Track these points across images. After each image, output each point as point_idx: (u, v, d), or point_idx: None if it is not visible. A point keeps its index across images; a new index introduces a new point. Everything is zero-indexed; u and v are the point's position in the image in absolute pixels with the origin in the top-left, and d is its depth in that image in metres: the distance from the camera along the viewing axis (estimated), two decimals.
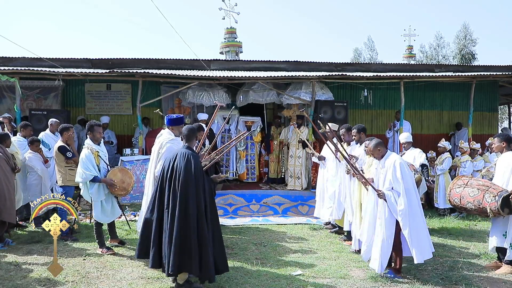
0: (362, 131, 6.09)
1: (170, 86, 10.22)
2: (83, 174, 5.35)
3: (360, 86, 10.71)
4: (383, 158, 4.80)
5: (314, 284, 4.56)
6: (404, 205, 4.51)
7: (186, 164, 4.11)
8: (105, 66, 10.44)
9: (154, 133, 9.73)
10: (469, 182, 5.20)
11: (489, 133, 11.94)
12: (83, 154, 5.43)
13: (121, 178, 5.59)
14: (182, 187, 4.06)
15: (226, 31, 15.01)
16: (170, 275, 4.16)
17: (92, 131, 5.56)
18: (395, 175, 4.58)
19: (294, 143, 9.30)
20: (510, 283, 4.65)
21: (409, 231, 4.51)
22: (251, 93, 9.70)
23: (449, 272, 4.88)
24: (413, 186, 4.68)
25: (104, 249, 5.56)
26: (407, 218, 4.51)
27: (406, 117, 10.57)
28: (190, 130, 4.42)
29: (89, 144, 5.52)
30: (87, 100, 11.03)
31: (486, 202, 4.84)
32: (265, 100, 9.82)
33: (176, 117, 5.26)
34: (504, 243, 4.94)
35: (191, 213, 4.03)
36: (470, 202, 5.05)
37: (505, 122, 24.03)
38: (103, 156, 5.67)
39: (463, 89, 11.24)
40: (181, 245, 4.00)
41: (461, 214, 8.22)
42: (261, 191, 9.06)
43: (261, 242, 6.18)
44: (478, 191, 4.97)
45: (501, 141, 5.13)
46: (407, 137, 7.51)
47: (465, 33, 35.72)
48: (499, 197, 4.72)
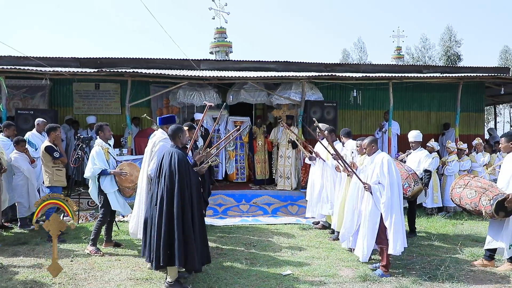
0: (347, 135, 6.50)
1: (160, 86, 10.16)
2: (92, 169, 5.53)
3: (350, 86, 10.77)
4: (374, 154, 5.05)
5: (303, 283, 4.57)
6: (386, 198, 4.76)
7: (170, 161, 4.32)
8: (94, 66, 10.33)
9: (143, 133, 9.68)
10: (469, 183, 5.28)
11: (476, 133, 12.12)
12: (94, 151, 5.66)
13: (129, 171, 5.75)
14: (167, 182, 4.26)
15: (216, 31, 14.99)
16: (158, 267, 4.31)
17: (102, 130, 5.79)
18: (382, 169, 4.83)
19: (284, 143, 9.31)
20: (495, 281, 4.72)
21: (389, 222, 4.77)
22: (243, 92, 9.70)
23: (436, 271, 4.93)
24: (398, 182, 4.90)
25: (95, 249, 5.50)
26: (389, 210, 4.77)
27: (395, 117, 10.67)
28: (172, 130, 4.59)
29: (100, 142, 5.74)
30: (75, 99, 10.90)
31: (482, 205, 4.93)
32: (256, 100, 9.82)
33: (167, 116, 5.46)
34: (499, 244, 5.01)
35: (176, 206, 4.18)
36: (468, 203, 5.17)
37: (491, 122, 24.43)
38: (112, 153, 5.90)
39: (450, 90, 11.38)
40: (168, 239, 4.17)
41: (448, 213, 8.33)
42: (250, 191, 9.06)
43: (251, 242, 6.18)
44: (476, 193, 5.07)
45: (509, 141, 5.11)
46: (416, 135, 6.97)
47: (449, 34, 36.25)
48: (493, 201, 4.80)
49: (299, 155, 9.25)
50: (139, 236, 5.28)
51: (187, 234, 4.20)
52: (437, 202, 8.32)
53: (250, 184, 9.95)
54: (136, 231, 5.43)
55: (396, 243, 4.72)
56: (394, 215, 4.75)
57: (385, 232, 4.82)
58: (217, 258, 5.38)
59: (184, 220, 4.22)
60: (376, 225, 4.84)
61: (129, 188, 5.75)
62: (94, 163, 5.53)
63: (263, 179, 9.87)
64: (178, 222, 4.18)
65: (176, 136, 4.55)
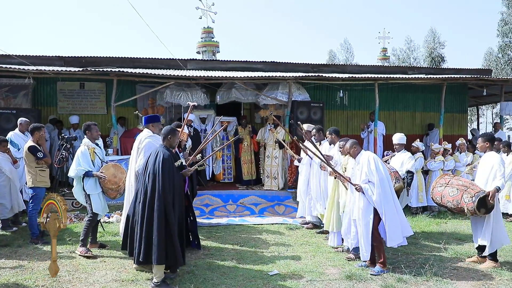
0: (335, 134, 6.38)
1: (146, 86, 10.07)
2: (76, 170, 5.45)
3: (336, 87, 10.85)
4: (358, 156, 5.11)
5: (290, 283, 4.59)
6: (377, 195, 4.84)
7: (155, 160, 4.40)
8: (78, 65, 10.19)
9: (129, 133, 9.59)
10: (450, 182, 5.41)
11: (459, 134, 12.34)
12: (79, 151, 5.57)
13: (113, 173, 5.65)
14: (150, 180, 4.35)
15: (203, 31, 14.91)
16: (139, 263, 4.46)
17: (89, 130, 5.71)
18: (370, 167, 4.92)
19: (270, 144, 9.32)
20: (477, 278, 4.81)
21: (384, 217, 4.84)
22: (234, 91, 9.67)
23: (420, 269, 5.00)
24: (386, 177, 4.98)
25: (85, 250, 5.41)
26: (382, 206, 4.85)
27: (381, 117, 10.79)
28: (165, 130, 4.67)
29: (86, 142, 5.65)
30: (59, 99, 10.72)
31: (464, 202, 5.05)
32: (246, 98, 9.81)
33: (152, 115, 5.55)
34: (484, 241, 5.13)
35: (157, 205, 4.26)
36: (450, 201, 5.27)
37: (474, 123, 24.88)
38: (99, 153, 5.78)
39: (435, 91, 11.56)
40: (148, 236, 4.29)
41: (433, 212, 8.46)
42: (237, 192, 9.05)
43: (238, 243, 6.17)
44: (458, 191, 5.19)
45: (485, 141, 5.36)
46: (400, 138, 7.27)
47: (433, 36, 36.86)
48: (475, 198, 4.94)
49: (286, 155, 9.28)
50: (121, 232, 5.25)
51: (168, 233, 4.28)
52: (422, 201, 8.44)
53: (237, 184, 9.93)
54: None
55: (392, 236, 4.83)
56: (387, 210, 4.84)
57: (378, 230, 4.89)
58: (204, 259, 5.36)
59: (167, 219, 4.29)
60: (370, 223, 4.90)
61: (112, 190, 5.67)
62: (78, 164, 5.45)
63: (250, 180, 9.86)
64: (159, 222, 4.25)
65: (166, 137, 4.60)
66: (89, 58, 10.70)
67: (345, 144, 5.27)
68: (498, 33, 30.89)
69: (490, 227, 5.09)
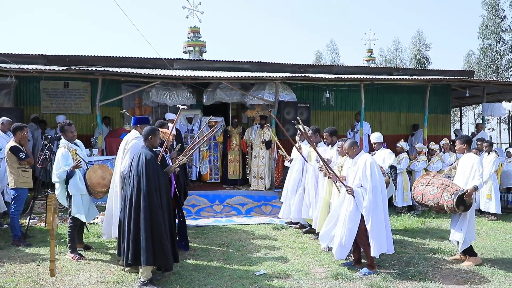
0: (334, 134, 6.28)
1: (132, 85, 9.97)
2: (58, 174, 5.25)
3: (322, 87, 10.92)
4: (356, 156, 5.03)
5: (277, 283, 4.60)
6: (368, 202, 4.78)
7: (138, 161, 4.41)
8: (62, 63, 10.03)
9: (114, 133, 9.48)
10: (431, 181, 5.53)
11: (443, 134, 12.54)
12: (59, 153, 5.34)
13: (101, 175, 5.48)
14: (135, 182, 4.35)
15: (190, 30, 14.84)
16: (127, 265, 4.47)
17: (63, 131, 5.49)
18: (365, 173, 4.84)
19: (257, 144, 9.32)
20: (460, 276, 4.90)
21: (370, 225, 4.79)
22: (218, 91, 9.65)
23: (405, 268, 5.07)
24: (381, 186, 4.90)
25: (76, 255, 5.28)
26: (370, 214, 4.79)
27: (366, 118, 10.88)
28: (145, 131, 4.66)
29: (65, 143, 5.43)
30: (42, 98, 10.53)
31: (444, 200, 5.17)
32: (231, 99, 9.79)
33: (141, 117, 5.45)
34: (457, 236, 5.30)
35: (143, 207, 4.26)
36: (430, 199, 5.37)
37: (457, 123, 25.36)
38: (81, 154, 5.59)
39: (419, 91, 11.73)
40: (135, 238, 4.29)
41: (417, 211, 8.58)
42: (224, 192, 9.03)
43: (224, 243, 6.16)
44: (438, 190, 5.31)
45: (462, 143, 5.53)
46: (378, 137, 7.53)
47: (420, 38, 37.47)
48: (455, 196, 5.07)
49: (273, 155, 9.29)
50: (112, 237, 5.17)
51: (156, 234, 4.29)
52: (407, 200, 8.55)
53: (223, 184, 9.91)
54: (107, 231, 5.31)
55: (376, 246, 4.76)
56: (374, 219, 4.77)
57: (365, 234, 4.87)
58: (190, 259, 5.34)
59: (153, 221, 4.28)
60: (356, 226, 4.85)
61: (101, 193, 5.57)
62: (58, 168, 5.24)
63: (237, 179, 9.84)
64: (145, 223, 4.25)
65: (147, 137, 4.59)
66: (74, 57, 10.54)
67: (344, 144, 5.20)
68: (479, 35, 31.59)
69: (466, 224, 5.26)
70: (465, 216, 5.28)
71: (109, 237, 5.34)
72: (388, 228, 4.96)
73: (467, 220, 5.26)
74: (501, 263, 5.40)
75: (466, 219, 5.27)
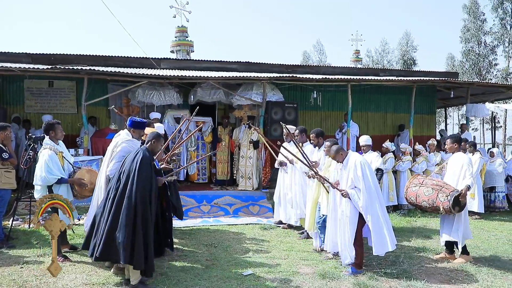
0: (320, 136, 6.20)
1: (118, 85, 9.86)
2: (46, 178, 5.05)
3: (310, 88, 10.98)
4: (345, 159, 5.01)
5: (264, 283, 4.60)
6: (364, 201, 4.78)
7: (134, 158, 4.30)
8: (47, 62, 9.86)
9: (100, 133, 9.37)
10: (424, 182, 5.56)
11: (428, 134, 12.73)
12: (46, 155, 5.12)
13: (89, 180, 5.34)
14: (124, 176, 4.25)
15: (177, 30, 14.77)
16: (96, 259, 4.32)
17: (53, 129, 5.33)
18: (356, 173, 4.85)
19: (245, 144, 9.32)
20: (445, 274, 4.98)
21: (371, 224, 4.79)
22: (199, 91, 9.62)
23: (391, 267, 5.13)
24: (374, 184, 4.90)
25: (60, 257, 5.16)
26: (368, 212, 4.79)
27: (353, 118, 10.98)
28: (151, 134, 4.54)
29: (50, 144, 5.24)
30: (26, 97, 10.35)
31: (440, 201, 5.21)
32: (211, 98, 9.76)
33: (140, 120, 5.20)
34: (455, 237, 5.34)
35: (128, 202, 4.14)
36: (425, 200, 5.40)
37: (442, 124, 25.75)
38: (67, 156, 5.46)
39: (405, 92, 11.88)
40: (111, 232, 4.17)
41: (403, 211, 8.69)
42: (212, 192, 9.00)
43: (212, 243, 6.14)
44: (433, 191, 5.33)
45: (453, 142, 5.56)
46: (367, 140, 7.58)
47: (407, 40, 37.97)
48: (451, 197, 5.11)
49: (260, 156, 9.30)
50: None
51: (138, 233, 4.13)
52: (393, 200, 8.64)
53: (211, 184, 9.87)
54: None
55: (377, 244, 4.78)
56: (372, 217, 4.78)
57: (361, 232, 4.89)
58: (177, 260, 5.30)
59: (137, 219, 4.14)
60: (355, 225, 4.87)
61: (86, 196, 5.49)
62: (49, 171, 5.06)
63: (225, 180, 9.82)
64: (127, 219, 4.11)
65: (150, 140, 4.51)
66: (59, 55, 10.38)
67: (331, 149, 5.12)
68: (461, 39, 32.16)
69: (462, 224, 5.31)
70: (460, 216, 5.32)
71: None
72: (389, 226, 4.92)
73: (462, 220, 5.31)
74: (484, 261, 5.51)
75: (461, 220, 5.31)
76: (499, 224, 8.00)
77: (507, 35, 29.38)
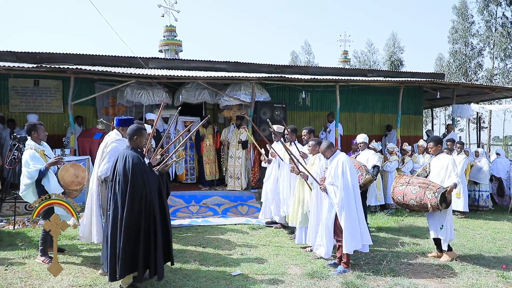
0: (312, 132, 6.42)
1: (105, 84, 9.75)
2: (29, 174, 5.01)
3: (299, 88, 11.01)
4: (332, 156, 5.15)
5: (253, 283, 4.60)
6: (339, 199, 4.90)
7: (124, 165, 4.11)
8: (32, 61, 9.70)
9: (87, 133, 9.25)
10: (411, 181, 5.67)
11: (415, 135, 12.89)
12: (27, 155, 5.10)
13: (74, 173, 5.30)
14: (121, 188, 4.07)
15: (166, 29, 14.66)
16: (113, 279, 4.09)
17: (36, 130, 5.27)
18: (337, 171, 4.97)
19: (234, 144, 9.30)
20: (431, 272, 5.05)
21: (344, 222, 4.89)
22: (183, 92, 9.56)
23: (379, 265, 5.18)
24: (353, 184, 5.01)
25: (46, 258, 5.09)
26: (342, 210, 4.90)
27: (341, 118, 11.05)
28: (130, 130, 4.34)
29: (32, 144, 5.21)
30: (11, 96, 10.17)
31: (427, 198, 5.32)
32: (196, 99, 9.71)
33: (126, 118, 5.14)
34: (439, 234, 5.46)
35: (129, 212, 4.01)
36: (412, 199, 5.51)
37: (429, 124, 26.08)
38: (49, 154, 5.40)
39: (393, 93, 12.01)
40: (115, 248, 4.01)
41: (390, 210, 8.78)
42: (200, 192, 8.97)
43: (201, 244, 6.12)
44: (420, 189, 5.45)
45: (436, 144, 5.74)
46: (364, 138, 7.66)
47: (394, 41, 38.39)
48: (438, 193, 5.23)
49: (249, 156, 9.29)
50: (93, 240, 5.00)
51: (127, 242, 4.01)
52: (380, 200, 8.72)
53: (199, 185, 9.83)
54: (86, 235, 5.14)
55: (348, 242, 4.86)
56: (347, 216, 4.87)
57: (341, 231, 4.95)
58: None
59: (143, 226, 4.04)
60: (331, 221, 5.00)
61: (76, 191, 5.41)
62: (29, 167, 5.03)
63: (213, 180, 9.78)
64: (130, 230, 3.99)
65: (132, 138, 4.29)
66: (44, 54, 10.22)
67: (321, 145, 5.27)
68: (449, 40, 32.67)
69: (446, 220, 5.43)
70: (445, 213, 5.44)
71: (87, 241, 5.16)
72: (363, 226, 5.05)
73: (446, 217, 5.45)
74: (469, 259, 5.60)
75: (445, 216, 5.45)
76: (483, 223, 8.13)
77: (492, 37, 29.91)
